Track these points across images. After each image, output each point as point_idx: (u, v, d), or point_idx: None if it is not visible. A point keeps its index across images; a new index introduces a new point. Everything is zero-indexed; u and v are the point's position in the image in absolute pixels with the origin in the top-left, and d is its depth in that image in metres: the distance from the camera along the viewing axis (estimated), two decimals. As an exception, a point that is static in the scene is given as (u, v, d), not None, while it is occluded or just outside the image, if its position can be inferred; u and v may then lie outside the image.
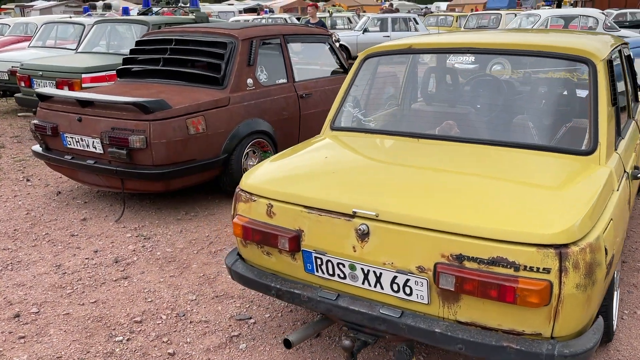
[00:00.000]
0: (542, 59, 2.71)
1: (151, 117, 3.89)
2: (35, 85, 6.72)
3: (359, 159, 2.52)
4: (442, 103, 2.92)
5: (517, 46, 2.63)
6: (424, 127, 2.78)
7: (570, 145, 2.43)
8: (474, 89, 3.12)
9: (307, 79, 5.32)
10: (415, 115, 2.91)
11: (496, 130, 2.57)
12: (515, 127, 2.56)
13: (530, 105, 2.75)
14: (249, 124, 4.53)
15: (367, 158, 2.52)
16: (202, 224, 4.13)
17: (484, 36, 2.84)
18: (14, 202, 4.67)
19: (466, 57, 2.80)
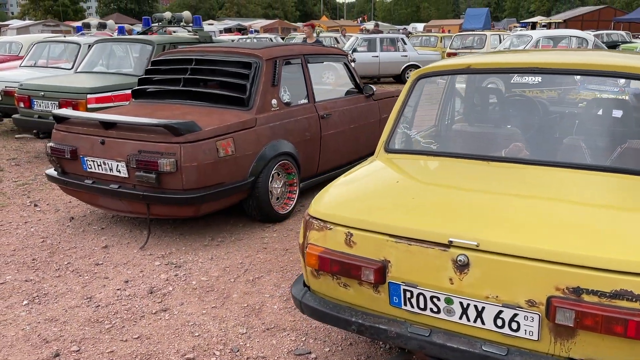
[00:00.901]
0: (606, 78, 2.66)
1: (182, 140, 3.74)
2: (35, 105, 6.49)
3: (435, 184, 2.42)
4: (503, 124, 2.84)
5: (589, 66, 2.57)
6: (489, 150, 2.69)
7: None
8: (538, 109, 3.06)
9: (326, 99, 5.23)
10: (476, 137, 2.82)
11: (572, 153, 2.50)
12: (594, 149, 2.49)
13: (611, 126, 2.69)
14: (275, 145, 4.40)
15: (443, 183, 2.42)
16: (232, 249, 3.97)
17: (548, 56, 2.78)
18: (25, 228, 4.44)
19: (531, 77, 2.74)
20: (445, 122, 3.16)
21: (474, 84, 3.22)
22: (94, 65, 7.29)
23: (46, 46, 9.04)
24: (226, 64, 4.63)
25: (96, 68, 7.24)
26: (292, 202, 4.65)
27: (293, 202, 4.66)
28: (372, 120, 5.85)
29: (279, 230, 4.34)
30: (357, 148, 5.70)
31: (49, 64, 8.72)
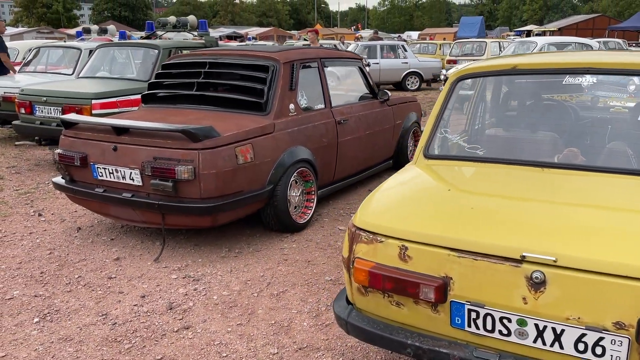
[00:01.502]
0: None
1: (200, 146, 3.54)
2: (37, 111, 6.27)
3: (491, 193, 2.24)
4: (551, 128, 2.67)
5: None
6: (541, 155, 2.51)
7: None
8: (590, 112, 2.89)
9: (342, 104, 5.06)
10: (522, 141, 2.65)
11: (637, 159, 2.32)
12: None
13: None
14: (293, 152, 4.22)
15: (501, 191, 2.24)
16: (251, 261, 3.77)
17: (600, 56, 2.62)
18: (30, 239, 4.21)
19: (585, 78, 2.57)
20: (482, 126, 2.99)
21: (513, 85, 3.05)
22: (96, 71, 7.09)
23: (45, 51, 8.84)
24: (242, 67, 4.45)
25: (99, 73, 7.04)
26: (310, 211, 4.46)
27: (311, 211, 4.47)
28: (387, 126, 5.69)
29: (297, 241, 4.14)
30: (372, 154, 5.53)
31: (49, 69, 8.51)
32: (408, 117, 6.21)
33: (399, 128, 5.99)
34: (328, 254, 3.89)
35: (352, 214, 4.76)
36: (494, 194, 2.22)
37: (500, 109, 3.04)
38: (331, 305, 3.15)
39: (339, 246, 4.02)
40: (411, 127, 6.20)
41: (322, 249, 3.97)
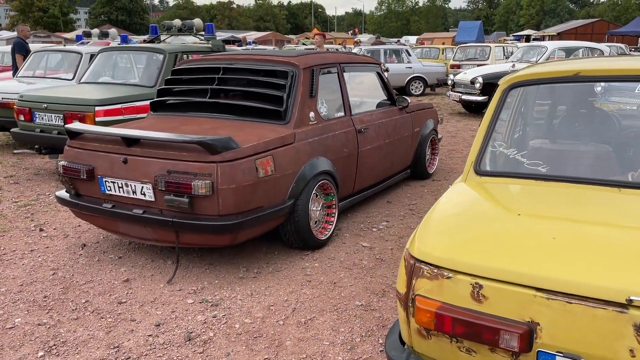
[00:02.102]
0: None
1: (218, 158, 3.26)
2: (37, 119, 5.97)
3: (571, 218, 1.96)
4: (623, 142, 2.40)
5: None
6: (612, 173, 2.24)
7: None
8: None
9: (362, 112, 4.79)
10: (592, 157, 2.38)
11: None
12: None
13: None
14: (314, 163, 3.94)
15: (582, 217, 1.96)
16: (272, 283, 3.48)
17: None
18: (32, 258, 3.91)
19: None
20: (541, 139, 2.71)
21: (574, 94, 2.78)
22: (99, 76, 6.80)
23: (44, 56, 8.53)
24: (258, 73, 4.17)
25: (101, 78, 6.75)
26: (331, 227, 4.18)
27: (332, 227, 4.18)
28: (406, 134, 5.42)
29: (320, 259, 3.85)
30: (392, 164, 5.26)
31: (48, 74, 8.21)
32: (426, 124, 5.94)
33: (417, 136, 5.73)
34: (354, 274, 3.60)
35: (374, 228, 4.48)
36: (574, 219, 1.94)
37: (560, 120, 2.76)
38: (367, 335, 2.86)
39: (365, 265, 3.74)
40: (429, 135, 5.94)
41: (347, 269, 3.68)
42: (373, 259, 3.85)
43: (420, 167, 5.91)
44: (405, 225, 4.55)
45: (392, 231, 4.42)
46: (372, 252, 3.98)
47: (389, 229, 4.47)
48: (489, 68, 11.51)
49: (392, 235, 4.32)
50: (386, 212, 4.91)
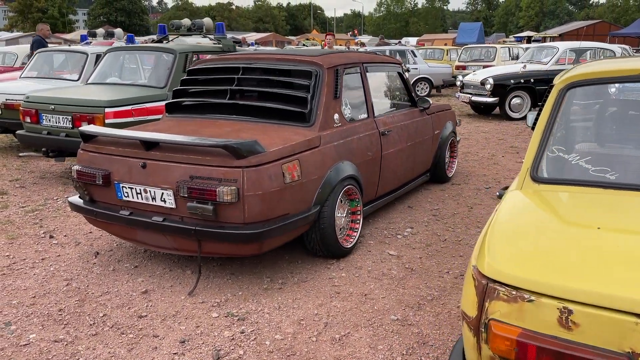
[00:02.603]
0: None
1: (244, 163, 3.07)
2: (44, 120, 5.78)
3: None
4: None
5: None
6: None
7: None
8: None
9: (384, 114, 4.61)
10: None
11: None
12: None
13: None
14: (340, 168, 3.76)
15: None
16: (299, 295, 3.29)
17: None
18: (43, 267, 3.72)
19: None
20: (605, 143, 2.52)
21: (635, 95, 2.60)
22: (106, 76, 6.60)
23: (49, 56, 8.33)
24: (280, 73, 3.99)
25: (109, 79, 6.55)
26: (356, 234, 3.99)
27: (357, 234, 3.99)
28: (426, 136, 5.24)
29: (346, 269, 3.67)
30: (413, 168, 5.08)
31: (53, 74, 8.01)
32: (445, 126, 5.76)
33: (437, 138, 5.55)
34: (385, 285, 3.41)
35: (399, 235, 4.30)
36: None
37: (627, 123, 2.58)
38: (408, 354, 2.67)
39: (395, 275, 3.55)
40: (449, 138, 5.76)
41: (376, 279, 3.50)
42: (402, 268, 3.67)
43: (440, 171, 5.72)
44: (431, 232, 4.36)
45: (418, 238, 4.23)
46: (400, 261, 3.79)
47: (415, 236, 4.28)
48: (499, 69, 11.34)
49: (418, 243, 4.13)
50: (409, 218, 4.73)
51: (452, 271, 3.61)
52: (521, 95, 10.86)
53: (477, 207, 5.01)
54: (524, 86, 10.71)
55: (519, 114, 10.94)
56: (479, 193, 5.49)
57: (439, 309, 3.10)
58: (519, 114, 10.94)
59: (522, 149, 7.81)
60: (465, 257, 3.84)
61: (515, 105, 10.90)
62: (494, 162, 7.01)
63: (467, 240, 4.18)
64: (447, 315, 3.03)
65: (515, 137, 8.96)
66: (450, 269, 3.65)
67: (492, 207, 5.02)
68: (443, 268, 3.67)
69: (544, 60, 11.11)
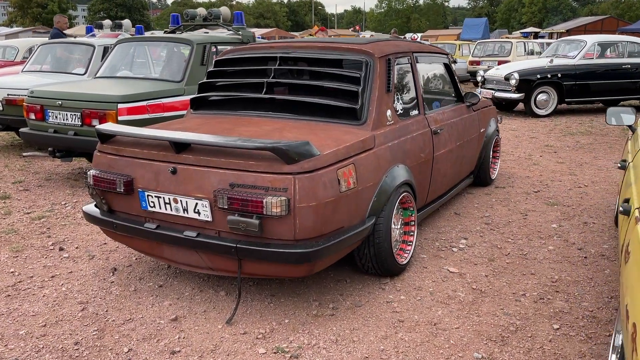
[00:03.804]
0: None
1: (296, 169, 2.57)
2: (50, 117, 5.28)
3: None
4: None
5: None
6: None
7: None
8: None
9: (435, 110, 4.12)
10: None
11: None
12: None
13: None
14: (395, 172, 3.26)
15: None
16: (357, 324, 2.80)
17: None
18: (54, 287, 3.23)
19: None
20: None
21: None
22: (116, 70, 6.09)
23: (53, 48, 7.81)
24: (325, 63, 3.49)
25: (120, 73, 6.05)
26: (410, 248, 3.50)
27: (411, 248, 3.50)
28: (473, 135, 4.75)
29: (404, 290, 3.17)
30: (460, 170, 4.59)
31: (57, 68, 7.49)
32: (490, 124, 5.27)
33: (482, 137, 5.05)
34: (454, 311, 2.92)
35: (453, 247, 3.80)
36: None
37: None
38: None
39: (463, 299, 3.06)
40: (493, 136, 5.26)
41: (442, 304, 3.00)
42: (469, 289, 3.18)
43: (484, 173, 5.24)
44: (489, 244, 3.87)
45: (477, 252, 3.74)
46: (464, 280, 3.30)
47: (472, 249, 3.79)
48: (524, 63, 10.82)
49: (478, 257, 3.64)
50: (459, 227, 4.23)
51: (529, 293, 3.12)
52: (547, 91, 10.35)
53: (531, 214, 4.52)
54: (551, 81, 10.21)
55: (545, 110, 10.45)
56: (529, 198, 5.00)
57: (528, 343, 2.60)
58: (544, 111, 10.44)
59: (559, 148, 7.32)
60: (538, 276, 3.35)
61: (541, 101, 10.39)
62: (532, 162, 6.51)
63: (533, 254, 3.69)
64: (541, 352, 2.53)
65: (547, 135, 8.46)
66: (525, 290, 3.16)
67: (548, 213, 4.53)
68: (517, 289, 3.17)
69: (571, 54, 10.60)
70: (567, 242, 3.91)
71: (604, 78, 10.39)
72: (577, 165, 6.34)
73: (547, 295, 3.09)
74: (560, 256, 3.66)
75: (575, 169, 6.12)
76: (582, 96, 10.45)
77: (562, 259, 3.61)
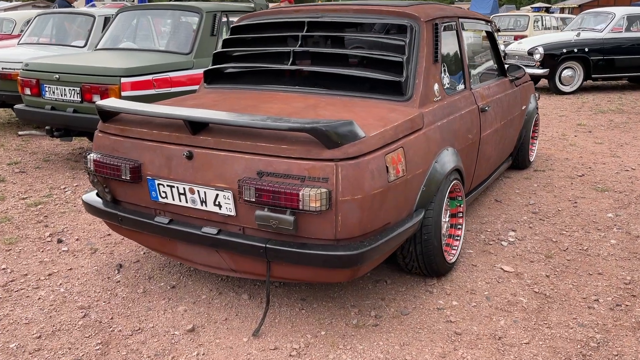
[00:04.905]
0: None
1: (338, 154, 2.12)
2: (47, 93, 4.81)
3: None
4: None
5: None
6: None
7: None
8: None
9: (480, 84, 3.63)
10: None
11: None
12: None
13: None
14: (445, 157, 2.80)
15: None
16: (406, 337, 2.37)
17: None
18: (50, 287, 2.81)
19: None
20: None
21: None
22: (119, 41, 5.60)
23: (50, 19, 7.29)
24: (361, 28, 3.01)
25: (123, 44, 5.56)
26: (458, 243, 3.05)
27: (459, 243, 3.05)
28: (516, 113, 4.28)
29: (455, 293, 2.74)
30: (502, 151, 4.13)
31: (55, 41, 6.99)
32: (530, 101, 4.78)
33: (523, 115, 4.57)
34: (519, 321, 2.49)
35: (502, 240, 3.36)
36: None
37: None
38: None
39: (526, 305, 2.62)
40: (533, 115, 4.78)
41: (503, 311, 2.57)
42: (531, 293, 2.74)
43: (523, 154, 4.77)
44: (542, 237, 3.42)
45: (529, 246, 3.30)
46: (523, 281, 2.86)
47: (523, 243, 3.34)
48: (548, 37, 10.24)
49: (533, 253, 3.20)
50: (503, 216, 3.78)
51: (602, 298, 2.68)
52: (573, 67, 9.79)
53: (582, 202, 4.06)
54: (577, 56, 9.65)
55: (570, 87, 9.90)
56: (575, 183, 4.53)
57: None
58: (569, 87, 9.90)
59: (593, 128, 6.82)
60: (606, 276, 2.90)
61: (566, 77, 9.84)
62: (569, 143, 6.02)
63: (595, 249, 3.24)
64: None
65: (576, 113, 7.94)
66: (597, 294, 2.72)
67: (600, 200, 4.07)
68: (586, 293, 2.73)
69: (598, 28, 10.00)
70: (629, 234, 3.46)
71: (632, 53, 9.82)
72: (618, 146, 5.85)
73: (623, 301, 2.65)
74: (627, 252, 3.21)
75: (617, 150, 5.64)
76: (609, 72, 9.89)
77: (629, 255, 3.17)
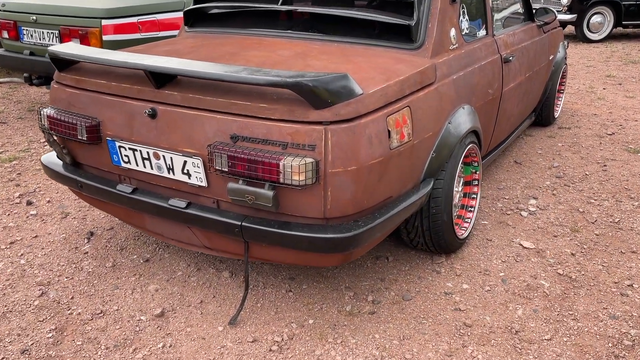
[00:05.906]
0: None
1: (329, 116, 1.72)
2: (24, 36, 4.40)
3: None
4: None
5: None
6: None
7: None
8: None
9: (504, 31, 3.16)
10: None
11: None
12: None
13: None
14: (460, 117, 2.39)
15: None
16: (407, 329, 2.04)
17: None
18: (10, 259, 2.50)
19: None
20: None
21: None
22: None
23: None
24: (366, -39, 2.54)
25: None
26: (472, 215, 2.68)
27: (473, 216, 2.68)
28: (542, 64, 3.80)
29: (465, 274, 2.39)
30: (525, 108, 3.69)
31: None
32: (559, 49, 4.28)
33: (550, 66, 4.08)
34: (540, 311, 2.14)
35: (522, 210, 2.98)
36: None
37: None
38: None
39: (548, 290, 2.27)
40: (561, 65, 4.28)
41: (522, 297, 2.22)
42: (554, 275, 2.38)
43: (547, 110, 4.31)
44: (567, 206, 3.03)
45: (553, 217, 2.91)
46: (545, 260, 2.50)
47: (546, 213, 2.96)
48: (578, -21, 9.45)
49: (557, 226, 2.81)
50: (523, 181, 3.38)
51: (638, 284, 2.31)
52: (603, 12, 9.07)
53: (612, 165, 3.64)
54: (608, 0, 8.92)
55: (598, 34, 9.20)
56: (604, 142, 4.09)
57: (658, 371, 1.83)
58: (597, 35, 9.20)
59: (623, 80, 6.27)
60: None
61: (595, 24, 9.13)
62: (597, 97, 5.51)
63: (628, 222, 2.85)
64: (680, 388, 1.76)
65: (605, 63, 7.35)
66: (631, 278, 2.35)
67: (632, 164, 3.64)
68: (619, 277, 2.37)
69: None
70: (667, 205, 3.06)
71: (669, -3, 9.05)
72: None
73: (662, 289, 2.28)
74: (665, 226, 2.82)
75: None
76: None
77: (667, 230, 2.78)
